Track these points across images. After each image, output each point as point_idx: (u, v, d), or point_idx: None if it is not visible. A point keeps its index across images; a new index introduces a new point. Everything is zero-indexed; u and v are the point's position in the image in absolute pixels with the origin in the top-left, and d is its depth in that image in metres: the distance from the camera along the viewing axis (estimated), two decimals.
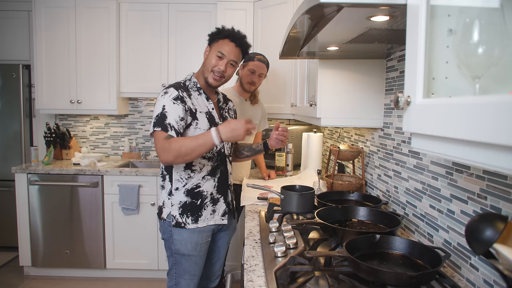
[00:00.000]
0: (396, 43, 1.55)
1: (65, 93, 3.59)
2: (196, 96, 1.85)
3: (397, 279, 1.01)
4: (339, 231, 1.37)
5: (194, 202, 1.83)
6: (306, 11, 1.06)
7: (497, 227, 0.70)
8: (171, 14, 3.59)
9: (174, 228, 1.82)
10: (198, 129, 1.78)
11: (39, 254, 3.35)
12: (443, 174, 1.35)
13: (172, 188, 1.84)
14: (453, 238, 1.27)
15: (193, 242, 1.83)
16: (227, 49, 1.82)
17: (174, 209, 1.83)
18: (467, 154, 0.62)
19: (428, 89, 0.80)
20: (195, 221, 1.83)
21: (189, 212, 1.82)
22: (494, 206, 1.06)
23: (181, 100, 1.74)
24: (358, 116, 1.96)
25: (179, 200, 1.82)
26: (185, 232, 1.82)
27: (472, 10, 0.73)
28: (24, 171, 3.28)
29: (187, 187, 1.83)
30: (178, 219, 1.82)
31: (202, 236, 1.85)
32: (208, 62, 1.84)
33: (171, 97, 1.74)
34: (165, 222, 1.85)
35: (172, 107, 1.72)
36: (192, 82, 1.88)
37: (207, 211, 1.86)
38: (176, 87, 1.79)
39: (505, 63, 0.68)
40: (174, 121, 1.70)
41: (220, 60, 1.82)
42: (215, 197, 1.89)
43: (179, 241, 1.82)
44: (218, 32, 1.85)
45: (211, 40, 1.88)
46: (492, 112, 0.52)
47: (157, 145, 1.69)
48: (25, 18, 3.83)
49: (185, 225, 1.81)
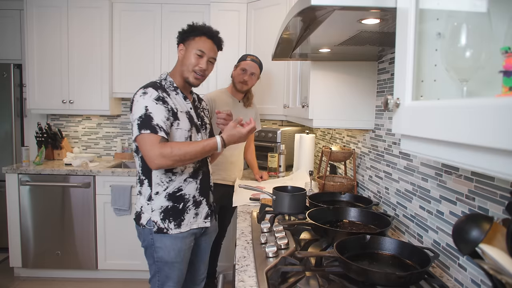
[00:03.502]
0: (388, 45, 1.56)
1: (57, 93, 3.56)
2: (174, 96, 1.77)
3: (387, 279, 1.02)
4: (330, 231, 1.38)
5: (176, 206, 1.75)
6: (298, 13, 1.07)
7: (483, 228, 0.71)
8: (164, 15, 3.58)
9: (156, 234, 1.74)
10: (179, 130, 1.72)
11: (30, 255, 3.31)
12: (432, 176, 1.37)
13: (152, 192, 1.74)
14: (442, 239, 1.29)
15: (176, 249, 1.75)
16: (207, 47, 1.77)
17: (154, 215, 1.74)
18: (455, 156, 0.63)
19: (417, 91, 0.81)
20: (177, 225, 1.75)
21: (171, 217, 1.74)
22: (481, 207, 1.08)
23: (162, 100, 1.67)
24: (350, 118, 1.98)
25: (159, 205, 1.74)
26: (167, 239, 1.74)
27: (460, 14, 0.75)
28: (15, 171, 3.25)
29: (168, 191, 1.74)
30: (160, 224, 1.73)
31: (185, 242, 1.78)
32: (187, 62, 1.77)
33: (152, 98, 1.66)
34: (144, 229, 1.76)
35: (156, 107, 1.64)
36: (168, 81, 1.80)
37: (189, 214, 1.79)
38: (154, 87, 1.71)
39: (492, 67, 0.69)
40: (161, 121, 1.63)
41: (200, 59, 1.77)
42: (197, 200, 1.82)
43: (162, 248, 1.74)
44: (193, 29, 1.79)
45: (185, 38, 1.80)
46: (478, 115, 0.53)
47: (152, 148, 1.59)
48: (17, 17, 3.80)
49: (167, 230, 1.73)
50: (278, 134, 3.21)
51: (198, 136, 1.82)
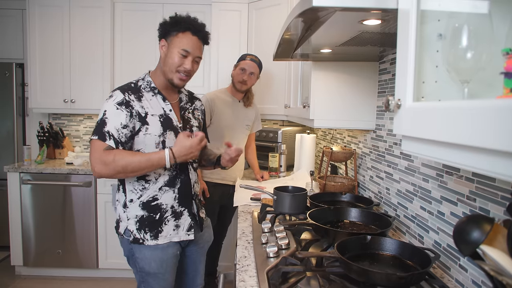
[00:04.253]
0: (389, 46, 1.56)
1: (58, 92, 3.57)
2: (150, 97, 1.63)
3: (387, 279, 1.02)
4: (331, 232, 1.38)
5: (152, 216, 1.61)
6: (299, 14, 1.07)
7: (484, 229, 0.71)
8: (166, 14, 3.55)
9: (134, 245, 1.61)
10: (148, 135, 1.57)
11: (31, 254, 3.32)
12: (433, 176, 1.37)
13: (127, 200, 1.62)
14: (443, 240, 1.29)
15: (157, 260, 1.62)
16: (191, 45, 1.60)
17: (130, 224, 1.61)
18: (456, 157, 0.63)
19: (418, 92, 0.81)
20: (154, 237, 1.61)
21: (147, 228, 1.61)
22: (482, 208, 1.08)
23: (125, 105, 1.54)
24: (351, 118, 1.98)
25: (135, 214, 1.61)
26: (146, 250, 1.61)
27: (461, 16, 0.75)
28: (17, 170, 3.26)
29: (142, 200, 1.61)
30: (136, 234, 1.61)
31: (167, 252, 1.64)
32: (170, 62, 1.61)
33: (114, 102, 1.54)
34: (123, 239, 1.65)
35: (114, 113, 1.52)
36: (146, 81, 1.67)
37: (168, 226, 1.64)
38: (123, 90, 1.58)
39: (493, 68, 0.69)
40: (114, 129, 1.51)
41: (184, 59, 1.60)
42: (177, 211, 1.66)
43: (142, 259, 1.62)
44: (175, 22, 1.62)
45: (167, 33, 1.64)
46: (479, 117, 0.54)
47: (94, 155, 1.49)
48: (19, 17, 3.81)
49: (143, 241, 1.60)
50: (279, 134, 3.21)
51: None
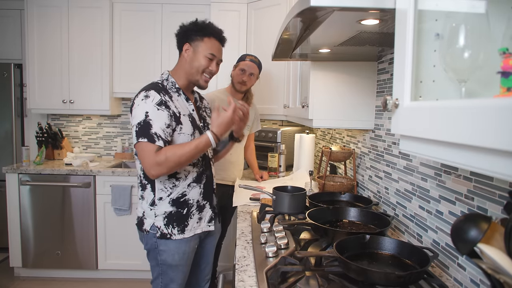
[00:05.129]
0: (387, 46, 1.57)
1: (57, 93, 3.57)
2: (176, 97, 1.71)
3: (386, 278, 1.02)
4: (330, 231, 1.38)
5: (180, 211, 1.71)
6: (297, 14, 1.07)
7: (481, 227, 0.71)
8: (165, 15, 3.59)
9: (159, 239, 1.70)
10: (182, 134, 1.66)
11: (30, 255, 3.32)
12: (432, 176, 1.37)
13: (155, 198, 1.70)
14: (442, 239, 1.29)
15: (181, 253, 1.72)
16: (216, 49, 1.73)
17: (158, 220, 1.69)
18: (454, 156, 0.64)
19: (416, 92, 0.82)
20: (181, 231, 1.71)
21: (175, 223, 1.70)
22: (480, 207, 1.08)
23: (164, 105, 1.61)
24: (350, 118, 1.98)
25: (163, 211, 1.69)
26: (171, 242, 1.70)
27: (458, 15, 0.75)
28: (15, 171, 3.26)
29: (172, 197, 1.70)
30: (163, 230, 1.69)
31: (189, 245, 1.75)
32: (197, 64, 1.70)
33: (154, 102, 1.59)
34: (148, 234, 1.72)
35: (157, 114, 1.58)
36: (170, 82, 1.73)
37: (193, 219, 1.75)
38: (157, 90, 1.64)
39: (490, 68, 0.70)
40: (160, 129, 1.57)
41: (211, 62, 1.72)
42: (201, 204, 1.78)
43: (166, 251, 1.70)
44: (200, 28, 1.71)
45: (191, 37, 1.72)
46: (476, 116, 0.54)
47: (147, 160, 1.55)
48: (17, 17, 3.80)
49: (171, 236, 1.69)
50: (278, 134, 3.21)
51: None
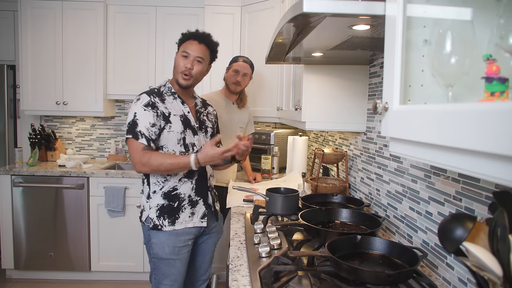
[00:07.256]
0: (379, 50, 1.60)
1: (50, 94, 3.56)
2: (171, 100, 1.88)
3: (376, 277, 1.05)
4: (322, 232, 1.40)
5: (171, 204, 1.84)
6: (290, 19, 1.10)
7: (467, 227, 0.74)
8: (159, 17, 3.60)
9: (152, 231, 1.83)
10: (171, 132, 1.82)
11: (22, 257, 3.30)
12: (421, 177, 1.40)
13: (150, 191, 1.86)
14: (431, 239, 1.32)
15: (171, 245, 1.83)
16: (191, 47, 1.86)
17: (152, 212, 1.84)
18: (441, 158, 0.66)
19: (404, 96, 0.84)
20: (171, 223, 1.83)
21: (166, 215, 1.83)
22: (468, 208, 1.11)
23: (151, 106, 1.79)
24: (342, 121, 2.01)
25: (156, 203, 1.84)
26: (162, 235, 1.83)
27: (445, 22, 0.78)
28: (8, 172, 3.24)
29: (163, 190, 1.85)
30: (155, 221, 1.83)
31: (179, 240, 1.85)
32: (176, 65, 1.88)
33: (142, 104, 1.79)
34: (144, 226, 1.87)
35: (143, 114, 1.77)
36: (167, 87, 1.92)
37: (185, 213, 1.87)
38: (148, 93, 1.83)
39: (475, 73, 0.73)
40: (145, 128, 1.76)
41: (186, 59, 1.85)
42: (193, 200, 1.90)
43: (157, 244, 1.83)
44: (182, 36, 1.91)
45: (178, 46, 1.93)
46: (462, 119, 0.56)
47: (133, 155, 1.76)
48: (11, 18, 3.78)
49: (161, 227, 1.82)
50: (272, 136, 3.24)
51: (194, 138, 1.90)
